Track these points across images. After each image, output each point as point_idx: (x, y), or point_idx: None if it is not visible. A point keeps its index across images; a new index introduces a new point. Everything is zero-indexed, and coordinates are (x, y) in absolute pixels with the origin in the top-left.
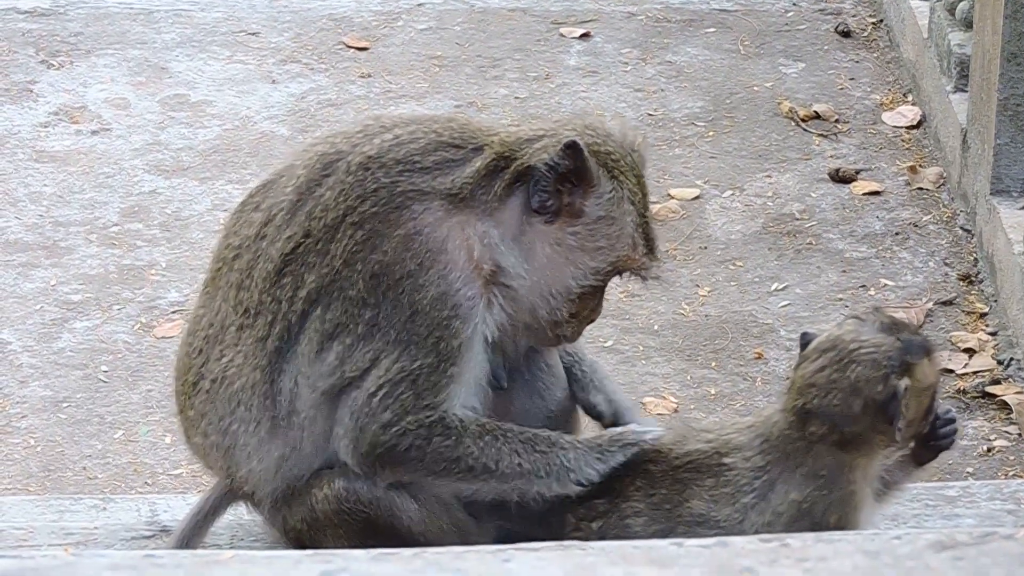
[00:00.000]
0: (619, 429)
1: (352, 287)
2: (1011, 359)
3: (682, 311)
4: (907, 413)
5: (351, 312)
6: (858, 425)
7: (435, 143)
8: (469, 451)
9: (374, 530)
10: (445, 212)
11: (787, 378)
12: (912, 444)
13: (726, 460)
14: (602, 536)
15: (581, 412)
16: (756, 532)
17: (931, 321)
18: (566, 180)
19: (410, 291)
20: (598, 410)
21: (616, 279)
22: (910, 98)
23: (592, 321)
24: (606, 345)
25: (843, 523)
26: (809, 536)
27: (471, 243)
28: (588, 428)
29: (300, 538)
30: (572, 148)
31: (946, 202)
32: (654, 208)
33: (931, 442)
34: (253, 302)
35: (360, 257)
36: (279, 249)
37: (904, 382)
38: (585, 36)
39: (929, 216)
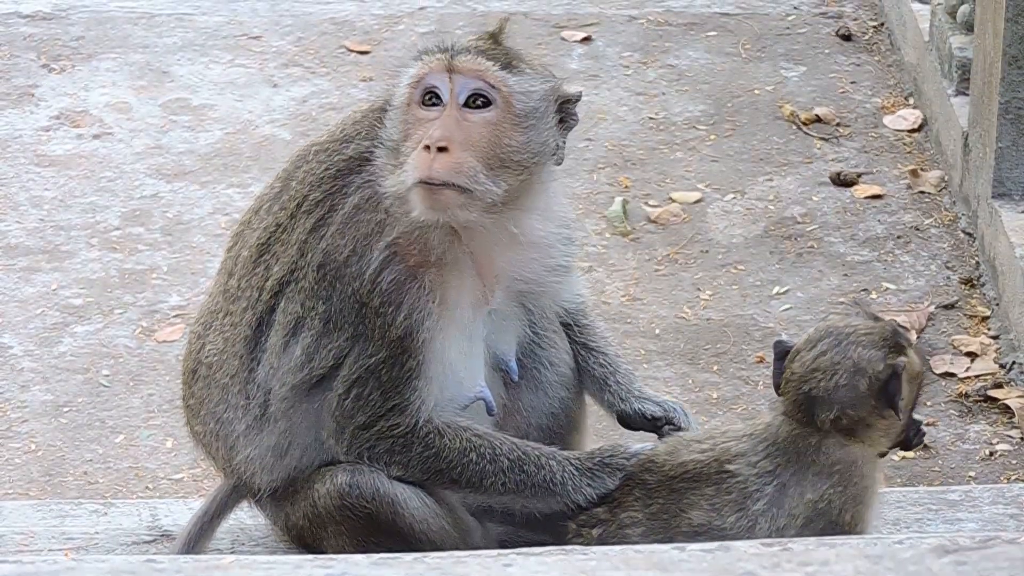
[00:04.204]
0: (610, 448)
1: (305, 278)
2: (1013, 363)
3: (684, 315)
4: (904, 395)
5: (307, 305)
6: (862, 408)
7: (365, 111)
8: (452, 466)
9: (376, 528)
10: (375, 189)
11: (781, 376)
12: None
13: (729, 467)
14: (602, 543)
15: (587, 413)
16: (767, 538)
17: (933, 325)
18: None
19: (350, 280)
20: (650, 416)
21: (619, 284)
22: (911, 101)
23: None
24: None
25: (856, 521)
26: (811, 540)
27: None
28: (591, 437)
29: (302, 535)
30: None
31: (948, 205)
32: (656, 211)
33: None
34: (235, 288)
35: (309, 247)
36: (257, 238)
37: (902, 359)
38: (586, 40)
39: (931, 219)
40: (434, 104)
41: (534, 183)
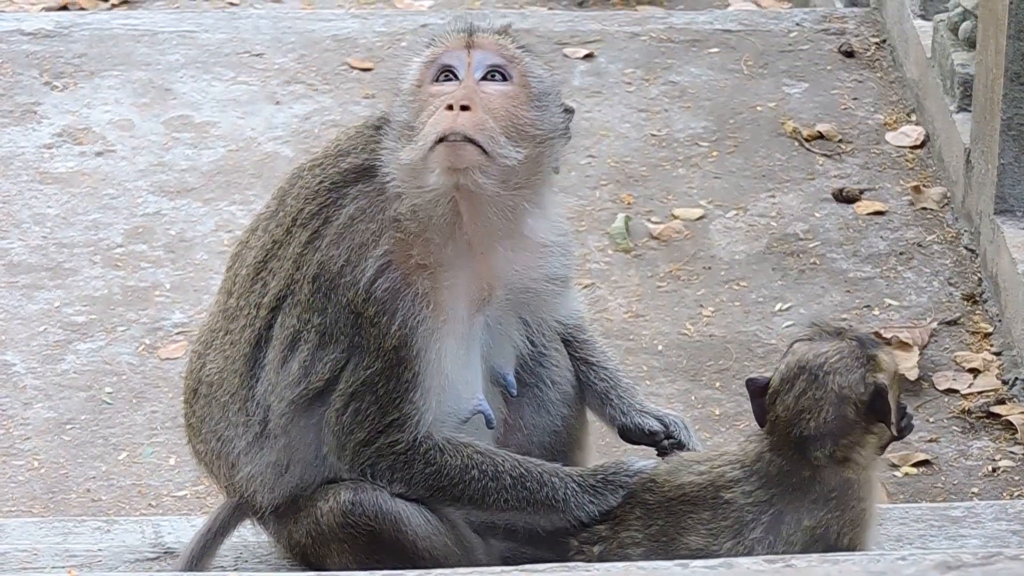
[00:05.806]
0: (612, 465)
1: (301, 291)
2: (1016, 379)
3: (686, 331)
4: (892, 403)
5: (304, 318)
6: (855, 433)
7: (360, 126)
8: (454, 483)
9: (379, 545)
10: (371, 199)
11: (763, 414)
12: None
13: (724, 495)
14: (603, 561)
15: (590, 431)
16: None
17: (935, 341)
18: None
19: (345, 290)
20: (650, 430)
21: (619, 300)
22: (914, 118)
23: None
24: None
25: (854, 544)
26: (814, 557)
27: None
28: (594, 454)
29: (305, 553)
30: None
31: (950, 222)
32: (659, 228)
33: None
34: (233, 307)
35: (305, 259)
36: (254, 256)
37: (881, 376)
38: (589, 56)
39: (933, 236)
40: (448, 81)
41: (543, 167)
